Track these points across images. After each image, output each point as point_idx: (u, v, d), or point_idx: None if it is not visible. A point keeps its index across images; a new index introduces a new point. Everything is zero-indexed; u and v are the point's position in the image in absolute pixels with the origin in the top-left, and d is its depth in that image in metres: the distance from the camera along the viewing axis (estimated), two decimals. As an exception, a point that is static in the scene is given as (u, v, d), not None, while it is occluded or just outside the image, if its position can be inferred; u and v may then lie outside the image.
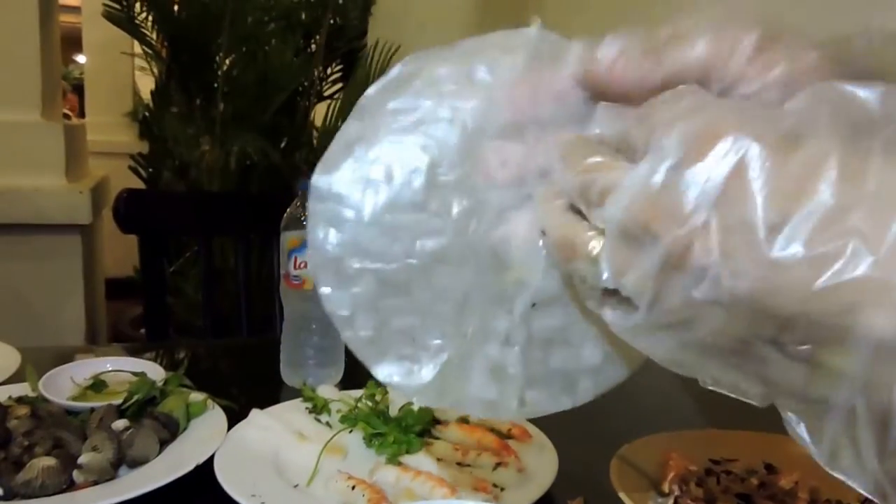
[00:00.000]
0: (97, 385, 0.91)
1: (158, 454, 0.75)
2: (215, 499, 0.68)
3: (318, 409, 0.89)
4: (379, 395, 0.91)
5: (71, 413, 0.81)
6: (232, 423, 0.82)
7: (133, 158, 3.18)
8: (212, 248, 1.58)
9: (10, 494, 0.66)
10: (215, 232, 1.67)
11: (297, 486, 0.72)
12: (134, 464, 0.73)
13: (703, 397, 1.09)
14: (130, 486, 0.68)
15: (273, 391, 1.02)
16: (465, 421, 0.85)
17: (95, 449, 0.71)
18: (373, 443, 0.80)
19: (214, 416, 0.83)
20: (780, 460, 0.74)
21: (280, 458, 0.76)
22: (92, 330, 2.44)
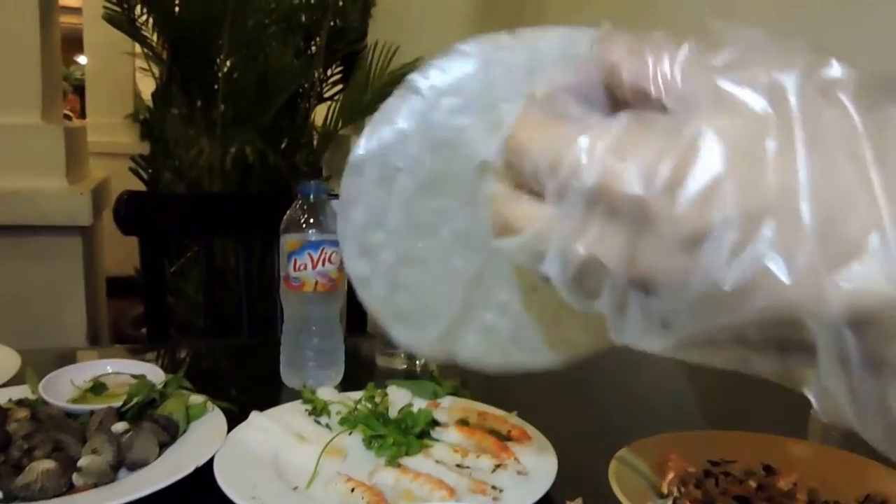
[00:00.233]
0: (97, 387, 0.91)
1: (158, 457, 0.75)
2: (215, 501, 0.68)
3: (318, 410, 0.89)
4: (378, 397, 0.91)
5: (71, 415, 0.81)
6: (232, 425, 0.82)
7: (134, 160, 3.19)
8: (212, 249, 1.58)
9: (10, 497, 0.66)
10: (216, 233, 1.67)
11: (296, 488, 0.72)
12: (133, 466, 0.73)
13: (701, 399, 1.09)
14: (130, 488, 0.68)
15: (273, 392, 1.02)
16: (464, 423, 0.85)
17: (95, 452, 0.71)
18: (372, 445, 0.80)
19: (214, 419, 0.83)
20: (779, 461, 0.74)
21: (280, 460, 0.76)
22: (93, 331, 2.45)
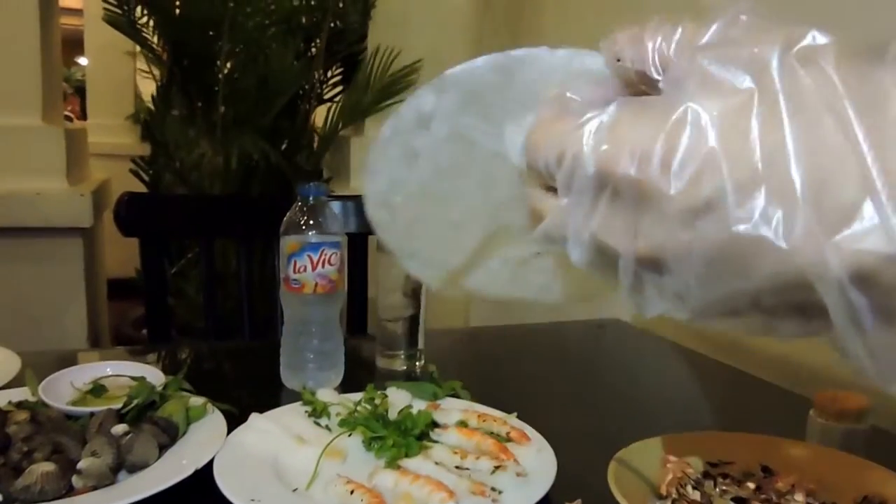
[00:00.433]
0: (97, 389, 0.91)
1: (158, 459, 0.75)
2: (215, 503, 0.68)
3: (318, 412, 0.89)
4: (378, 399, 0.91)
5: (71, 418, 0.81)
6: (232, 427, 0.82)
7: (134, 161, 3.19)
8: (213, 251, 1.58)
9: (10, 500, 0.66)
10: (216, 234, 1.67)
11: (296, 490, 0.72)
12: (133, 469, 0.73)
13: (700, 400, 1.09)
14: (129, 491, 0.68)
15: (273, 394, 1.02)
16: (464, 424, 0.86)
17: (95, 454, 0.71)
18: (372, 446, 0.80)
19: (214, 421, 0.83)
20: (777, 463, 0.74)
21: (279, 462, 0.77)
22: (94, 332, 2.45)
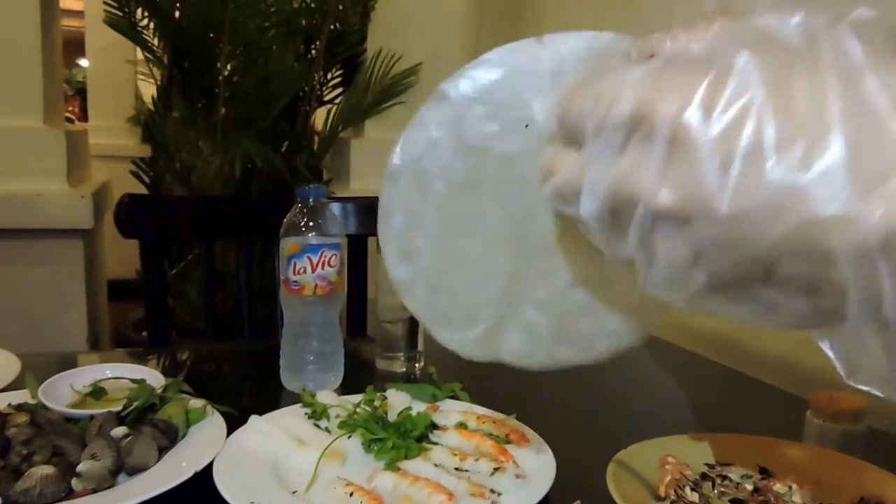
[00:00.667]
0: (96, 392, 0.91)
1: (157, 461, 0.75)
2: (214, 505, 0.68)
3: (318, 414, 0.89)
4: (378, 401, 0.91)
5: (70, 420, 0.82)
6: (231, 429, 0.82)
7: (135, 163, 3.19)
8: (213, 252, 1.58)
9: (9, 503, 0.66)
10: (216, 236, 1.68)
11: (295, 492, 0.72)
12: (133, 471, 0.73)
13: (698, 401, 1.10)
14: (129, 493, 0.68)
15: (273, 396, 1.02)
16: (463, 426, 0.86)
17: (94, 457, 0.71)
18: (371, 448, 0.80)
19: (213, 423, 0.84)
20: (775, 464, 0.74)
21: (279, 465, 0.77)
22: (94, 334, 2.45)
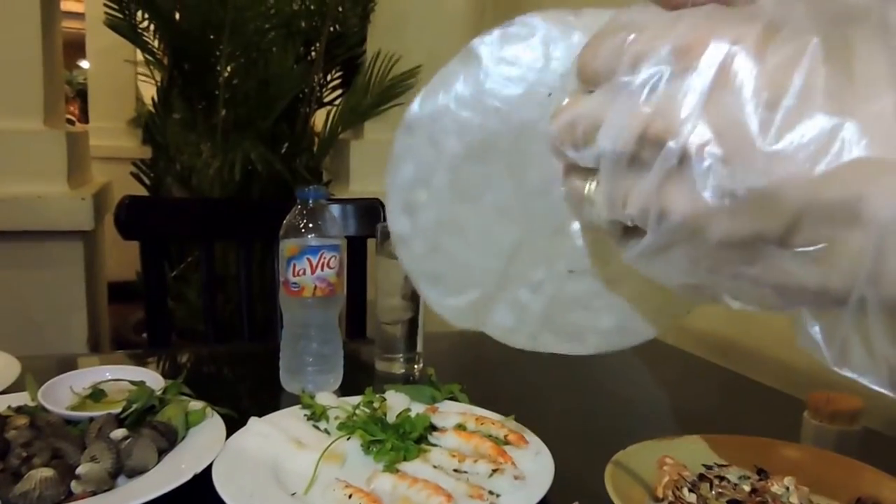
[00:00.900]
0: (96, 394, 0.91)
1: (157, 463, 0.75)
2: (213, 507, 0.69)
3: (317, 415, 0.89)
4: (377, 402, 0.92)
5: (70, 423, 0.82)
6: (231, 431, 0.82)
7: (135, 165, 3.20)
8: (213, 254, 1.58)
9: (9, 505, 0.67)
10: (216, 238, 1.68)
11: (294, 494, 0.72)
12: (132, 473, 0.73)
13: (696, 402, 1.10)
14: (128, 496, 0.68)
15: (273, 397, 1.02)
16: (462, 427, 0.86)
17: (94, 459, 0.71)
18: (371, 450, 0.81)
19: (213, 425, 0.84)
20: (772, 464, 0.75)
21: (278, 466, 0.77)
22: (94, 336, 2.45)
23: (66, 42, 2.64)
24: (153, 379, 0.93)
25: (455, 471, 0.77)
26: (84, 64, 5.53)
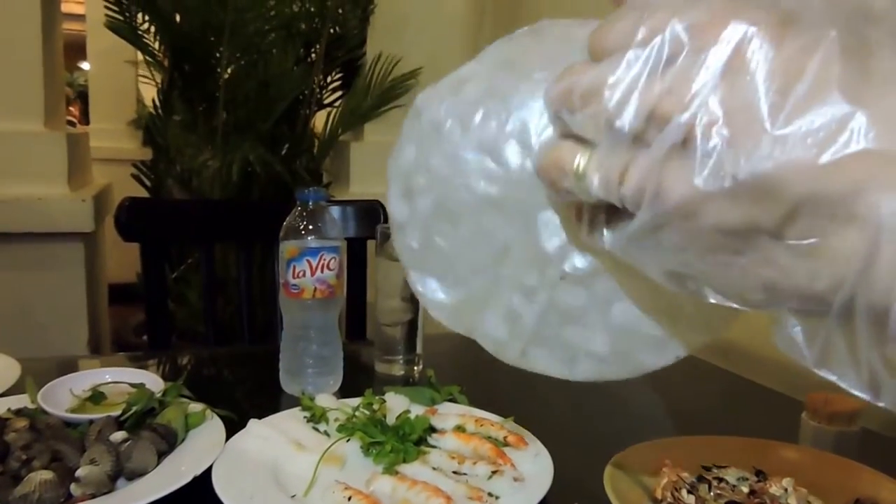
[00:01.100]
0: (96, 397, 0.91)
1: (156, 466, 0.75)
2: (213, 510, 0.69)
3: (317, 417, 0.89)
4: (376, 404, 0.92)
5: (70, 425, 0.82)
6: (231, 433, 0.82)
7: (136, 166, 3.20)
8: (213, 256, 1.59)
9: (8, 508, 0.67)
10: (217, 240, 1.68)
11: (294, 496, 0.72)
12: (132, 476, 0.73)
13: (695, 404, 1.10)
14: (128, 498, 0.69)
15: (273, 399, 1.02)
16: (461, 429, 0.86)
17: (93, 462, 0.71)
18: (370, 452, 0.81)
19: (213, 427, 0.84)
20: (771, 466, 0.75)
21: (278, 469, 0.77)
22: (95, 338, 2.45)
23: (66, 44, 2.64)
24: (153, 381, 0.93)
25: (454, 472, 0.77)
26: (85, 65, 5.53)
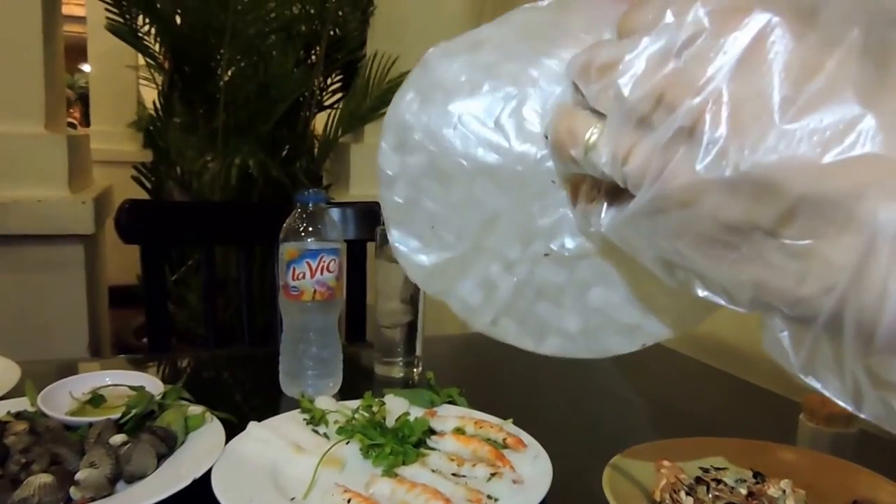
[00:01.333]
0: (95, 399, 0.91)
1: (156, 469, 0.75)
2: (212, 512, 0.69)
3: (316, 420, 0.89)
4: (376, 406, 0.92)
5: (70, 428, 0.82)
6: (231, 435, 0.83)
7: (136, 168, 3.20)
8: (214, 258, 1.59)
9: (8, 512, 0.67)
10: (217, 242, 1.68)
11: (293, 499, 0.72)
12: (132, 479, 0.73)
13: (693, 405, 1.10)
14: (127, 501, 0.69)
15: (272, 401, 1.02)
16: (460, 431, 0.86)
17: (93, 465, 0.71)
18: (370, 454, 0.81)
19: (212, 429, 0.84)
20: (769, 467, 0.75)
21: (277, 471, 0.77)
22: (95, 341, 2.45)
23: (67, 46, 2.64)
24: (152, 384, 0.93)
25: (454, 475, 0.77)
26: (85, 68, 5.54)
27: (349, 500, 0.70)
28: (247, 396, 1.13)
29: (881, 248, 0.25)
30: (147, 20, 2.84)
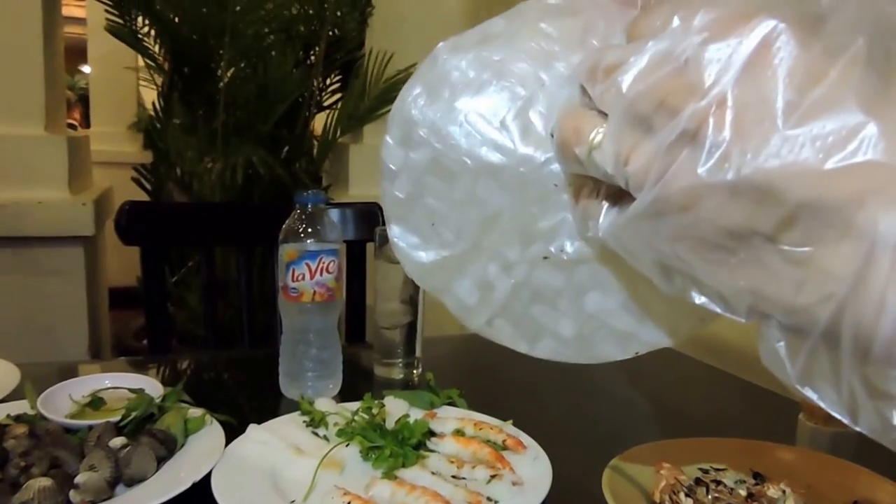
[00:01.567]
0: (95, 402, 0.91)
1: (156, 472, 0.75)
2: (212, 515, 0.69)
3: (316, 422, 0.89)
4: (375, 408, 0.92)
5: (69, 431, 0.82)
6: (231, 437, 0.83)
7: (136, 170, 3.20)
8: (214, 259, 1.59)
9: (7, 515, 0.67)
10: (217, 243, 1.68)
11: (293, 501, 0.72)
12: (131, 482, 0.73)
13: (692, 406, 1.10)
14: (127, 504, 0.69)
15: (272, 403, 1.02)
16: (460, 433, 0.86)
17: (93, 468, 0.71)
18: (369, 456, 0.81)
19: (212, 432, 0.84)
20: (768, 468, 0.75)
21: (277, 474, 0.77)
22: (95, 343, 2.45)
23: (67, 47, 2.65)
24: (152, 386, 0.93)
25: (453, 477, 0.77)
26: (85, 69, 5.54)
27: (349, 503, 0.70)
28: (246, 398, 1.13)
29: (880, 258, 0.24)
30: (147, 21, 2.84)
